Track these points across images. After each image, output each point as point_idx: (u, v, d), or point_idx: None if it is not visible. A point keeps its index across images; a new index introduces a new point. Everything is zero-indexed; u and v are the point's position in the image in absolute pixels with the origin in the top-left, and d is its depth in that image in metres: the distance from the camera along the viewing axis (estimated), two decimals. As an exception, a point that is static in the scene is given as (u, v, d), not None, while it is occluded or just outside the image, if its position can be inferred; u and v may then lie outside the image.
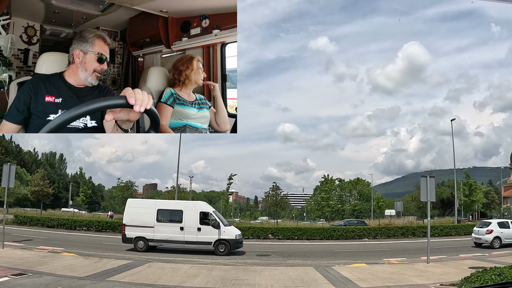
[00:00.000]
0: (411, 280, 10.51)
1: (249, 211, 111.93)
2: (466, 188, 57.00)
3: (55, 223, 30.01)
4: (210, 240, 17.60)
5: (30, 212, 47.00)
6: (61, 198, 71.63)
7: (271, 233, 26.74)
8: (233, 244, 17.61)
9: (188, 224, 17.67)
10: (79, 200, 54.67)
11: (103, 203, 79.13)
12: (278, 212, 45.55)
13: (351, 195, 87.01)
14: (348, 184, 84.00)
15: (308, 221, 65.76)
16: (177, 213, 18.01)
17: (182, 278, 10.45)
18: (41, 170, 55.72)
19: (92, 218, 32.45)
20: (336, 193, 64.78)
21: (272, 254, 18.38)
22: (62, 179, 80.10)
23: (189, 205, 19.29)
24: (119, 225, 28.07)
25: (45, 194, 53.58)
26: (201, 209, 18.24)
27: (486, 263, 13.65)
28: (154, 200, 20.85)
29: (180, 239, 17.70)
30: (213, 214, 18.14)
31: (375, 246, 23.35)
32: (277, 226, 31.49)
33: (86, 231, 28.76)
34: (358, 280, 10.55)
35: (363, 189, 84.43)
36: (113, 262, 12.96)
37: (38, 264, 11.78)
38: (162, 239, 17.83)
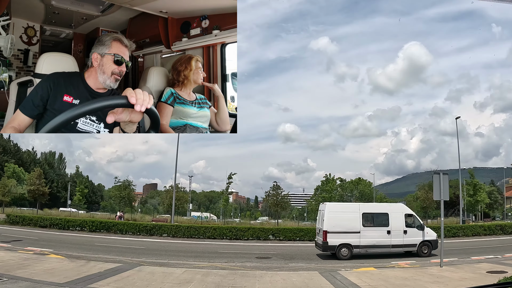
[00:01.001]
0: (428, 287, 9.47)
1: (249, 211, 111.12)
2: (470, 188, 56.11)
3: (48, 223, 28.95)
4: (415, 242, 17.16)
5: (26, 211, 46.09)
6: (60, 198, 70.71)
7: (271, 234, 25.64)
8: (434, 245, 17.34)
9: (394, 227, 16.96)
10: (75, 200, 53.51)
11: (103, 203, 78.34)
12: (278, 212, 44.42)
13: (352, 195, 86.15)
14: (350, 184, 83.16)
15: (309, 221, 64.86)
16: (383, 216, 17.23)
17: (173, 284, 9.39)
18: (37, 169, 54.59)
19: (87, 217, 31.37)
20: (338, 193, 63.68)
21: (273, 257, 17.33)
22: (61, 178, 79.21)
23: (393, 207, 18.55)
24: (113, 225, 27.19)
25: (42, 193, 52.51)
26: (406, 211, 17.68)
27: (504, 266, 12.68)
28: (357, 204, 19.84)
29: (387, 243, 16.90)
30: (416, 216, 17.84)
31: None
32: (278, 226, 30.39)
33: (80, 231, 27.75)
34: (370, 287, 9.50)
35: (364, 189, 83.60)
36: (100, 266, 11.92)
37: (17, 267, 10.73)
38: (369, 245, 16.83)
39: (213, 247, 21.16)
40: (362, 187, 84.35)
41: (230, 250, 19.82)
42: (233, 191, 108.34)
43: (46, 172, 79.03)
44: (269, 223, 51.06)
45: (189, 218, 59.62)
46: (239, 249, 20.49)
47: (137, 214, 54.84)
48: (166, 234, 26.22)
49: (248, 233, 25.58)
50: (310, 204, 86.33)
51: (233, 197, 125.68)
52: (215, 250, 19.66)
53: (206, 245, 22.36)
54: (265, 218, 75.03)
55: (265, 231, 25.73)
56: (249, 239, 25.27)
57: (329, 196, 47.42)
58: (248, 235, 25.45)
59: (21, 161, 77.05)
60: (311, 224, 56.10)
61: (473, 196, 55.93)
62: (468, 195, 55.85)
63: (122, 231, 26.64)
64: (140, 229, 26.58)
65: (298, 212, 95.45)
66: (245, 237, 25.35)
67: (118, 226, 26.98)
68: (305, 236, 25.14)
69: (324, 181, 51.30)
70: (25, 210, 49.24)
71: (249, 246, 22.40)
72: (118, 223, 27.54)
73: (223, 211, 64.43)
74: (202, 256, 17.14)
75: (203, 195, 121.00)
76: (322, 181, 55.10)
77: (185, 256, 17.03)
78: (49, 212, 52.43)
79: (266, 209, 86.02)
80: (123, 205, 46.89)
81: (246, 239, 25.30)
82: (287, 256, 17.53)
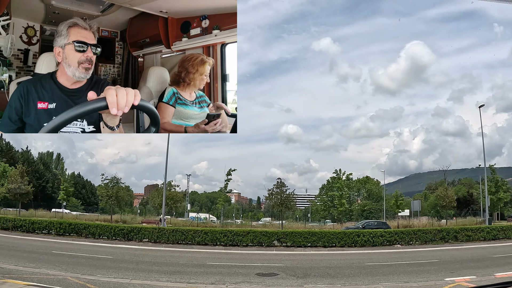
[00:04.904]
0: None
1: (251, 211, 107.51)
2: (492, 184, 51.78)
3: (10, 225, 24.40)
4: None
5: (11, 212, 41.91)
6: (55, 199, 66.94)
7: (276, 239, 20.75)
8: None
9: None
10: (60, 199, 48.84)
11: (101, 204, 74.99)
12: (283, 212, 39.64)
13: (359, 195, 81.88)
14: (357, 183, 79.06)
15: (316, 223, 60.35)
16: None
17: None
18: (19, 166, 49.86)
19: (53, 219, 26.63)
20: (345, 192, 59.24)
21: (280, 272, 12.49)
22: (57, 179, 75.36)
23: None
24: (84, 228, 22.55)
25: (24, 192, 47.79)
26: None
27: None
28: None
29: None
30: None
31: (416, 256, 17.41)
32: (283, 230, 25.41)
33: (47, 235, 23.16)
34: None
35: (372, 188, 79.71)
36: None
37: None
38: None
39: (201, 257, 16.41)
40: (369, 186, 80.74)
41: (223, 262, 15.10)
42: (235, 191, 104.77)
43: (40, 172, 75.62)
44: (273, 225, 46.39)
45: (186, 219, 55.16)
46: (234, 260, 15.75)
47: (127, 215, 50.37)
48: (147, 239, 21.43)
49: (248, 238, 20.67)
50: (315, 205, 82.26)
51: (235, 198, 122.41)
52: (202, 262, 14.89)
53: (193, 254, 17.58)
54: (267, 219, 71.12)
55: (268, 236, 20.78)
56: (249, 246, 20.45)
57: (339, 195, 42.42)
58: (248, 241, 20.60)
59: (13, 160, 73.59)
60: (319, 225, 51.63)
61: (495, 194, 51.69)
62: (490, 192, 51.30)
63: (94, 234, 21.93)
64: (116, 232, 21.73)
65: (301, 213, 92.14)
66: (243, 243, 20.54)
67: (90, 229, 22.22)
68: (318, 242, 20.31)
69: (334, 178, 46.20)
70: (11, 211, 45.43)
71: (248, 255, 17.65)
72: (90, 225, 22.71)
73: (223, 211, 59.87)
74: (182, 272, 12.38)
75: (204, 196, 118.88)
76: (331, 178, 50.11)
77: (159, 272, 12.31)
78: (34, 213, 48.33)
79: (269, 209, 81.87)
80: (111, 205, 42.45)
81: (245, 245, 20.48)
82: (299, 272, 12.73)
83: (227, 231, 21.42)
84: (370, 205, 72.57)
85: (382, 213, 62.26)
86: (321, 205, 60.19)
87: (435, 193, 53.37)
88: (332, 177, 49.02)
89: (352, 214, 60.40)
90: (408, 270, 13.10)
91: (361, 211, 70.07)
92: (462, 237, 22.90)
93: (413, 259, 15.99)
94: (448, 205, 45.77)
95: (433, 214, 58.67)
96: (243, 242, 20.50)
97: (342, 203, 42.16)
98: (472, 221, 47.01)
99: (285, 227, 37.19)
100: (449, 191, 47.87)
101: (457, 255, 17.60)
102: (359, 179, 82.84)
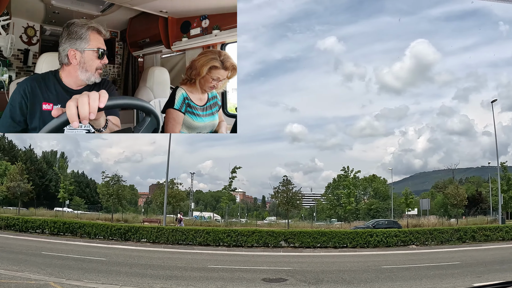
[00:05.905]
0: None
1: (256, 211, 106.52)
2: (504, 183, 50.18)
3: (3, 224, 23.28)
4: None
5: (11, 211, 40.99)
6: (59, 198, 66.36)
7: (283, 240, 19.38)
8: None
9: None
10: (60, 197, 47.80)
11: (103, 202, 74.31)
12: (289, 211, 38.26)
13: (365, 193, 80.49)
14: (363, 181, 77.65)
15: (323, 222, 59.09)
16: None
17: None
18: (19, 164, 48.88)
19: (46, 218, 25.45)
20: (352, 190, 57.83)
21: (289, 277, 11.16)
22: (59, 177, 74.43)
23: None
24: (79, 227, 21.35)
25: (23, 191, 46.74)
26: None
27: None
28: None
29: None
30: None
31: (435, 257, 15.97)
32: (291, 229, 23.98)
33: (40, 234, 22.01)
34: None
35: (379, 187, 78.35)
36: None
37: None
38: None
39: (202, 260, 15.11)
40: (376, 185, 79.39)
41: (226, 265, 13.76)
42: (240, 190, 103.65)
43: (43, 170, 74.98)
44: (278, 224, 45.07)
45: (189, 218, 54.04)
46: (238, 263, 14.42)
47: (129, 214, 49.32)
48: (145, 239, 20.14)
49: (253, 238, 19.29)
50: (320, 204, 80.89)
51: (240, 197, 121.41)
52: (203, 266, 13.54)
53: (193, 256, 16.29)
54: (273, 218, 70.06)
55: (275, 236, 19.38)
56: (254, 246, 19.11)
57: (348, 192, 40.94)
58: (253, 241, 19.22)
59: (15, 159, 73.14)
60: (325, 224, 50.19)
61: (507, 192, 50.17)
62: (502, 190, 49.85)
63: (90, 234, 20.71)
64: (112, 232, 20.48)
65: (306, 212, 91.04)
66: (248, 244, 19.19)
67: (85, 229, 21.00)
68: (329, 242, 18.93)
69: (342, 175, 44.59)
70: (11, 210, 44.53)
71: (254, 257, 16.34)
72: (85, 224, 21.50)
73: (227, 210, 58.67)
74: (180, 277, 11.09)
75: (209, 195, 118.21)
76: (338, 175, 48.59)
77: (154, 276, 11.04)
78: (34, 211, 47.38)
79: (274, 208, 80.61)
80: (112, 204, 41.33)
81: (249, 246, 19.13)
82: (310, 277, 11.39)
83: (230, 231, 20.05)
84: (377, 204, 71.26)
85: (389, 212, 61.00)
86: (327, 204, 58.73)
87: (445, 192, 51.98)
88: (340, 175, 47.55)
89: (358, 213, 59.13)
90: (430, 274, 11.76)
91: (368, 210, 68.83)
92: (480, 237, 21.50)
93: (432, 262, 14.63)
94: (459, 203, 44.56)
95: (442, 213, 57.33)
96: (247, 242, 19.16)
97: (350, 201, 40.70)
98: (483, 220, 45.78)
99: (291, 226, 35.85)
100: (460, 189, 46.51)
101: (478, 256, 16.27)
102: (365, 177, 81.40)
